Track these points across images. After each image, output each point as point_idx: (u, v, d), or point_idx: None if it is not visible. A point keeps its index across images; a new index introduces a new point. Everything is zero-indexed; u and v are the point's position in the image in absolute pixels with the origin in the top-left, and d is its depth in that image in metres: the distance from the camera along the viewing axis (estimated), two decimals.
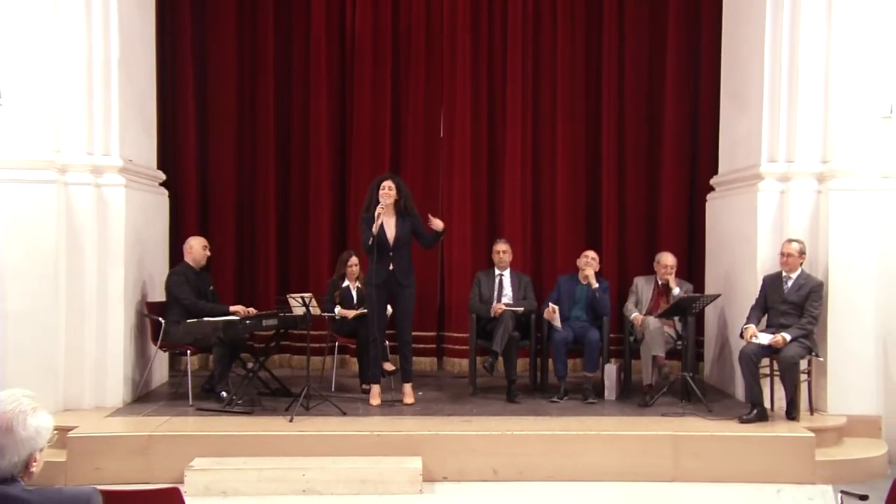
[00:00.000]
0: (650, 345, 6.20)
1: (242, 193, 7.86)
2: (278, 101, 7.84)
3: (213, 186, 7.81)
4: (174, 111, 7.67)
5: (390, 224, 5.96)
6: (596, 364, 6.42)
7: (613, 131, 7.78)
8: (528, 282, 6.81)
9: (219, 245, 7.49)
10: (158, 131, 7.11)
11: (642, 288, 6.71)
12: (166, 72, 7.52)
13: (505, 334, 6.21)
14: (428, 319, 7.74)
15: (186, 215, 7.66)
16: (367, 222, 5.90)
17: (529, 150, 7.78)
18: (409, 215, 5.99)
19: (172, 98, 7.64)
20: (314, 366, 6.83)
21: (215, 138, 7.79)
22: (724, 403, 6.28)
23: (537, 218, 7.82)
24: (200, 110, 7.77)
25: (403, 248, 5.99)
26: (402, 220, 5.98)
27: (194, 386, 6.20)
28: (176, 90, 7.66)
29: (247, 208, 7.87)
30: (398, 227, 5.97)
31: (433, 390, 6.74)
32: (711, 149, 7.39)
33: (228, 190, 7.80)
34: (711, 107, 7.42)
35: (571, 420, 5.69)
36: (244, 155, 7.84)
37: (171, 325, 6.18)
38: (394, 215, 5.96)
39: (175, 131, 7.66)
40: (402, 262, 5.98)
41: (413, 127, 7.80)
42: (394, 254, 5.93)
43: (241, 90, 7.83)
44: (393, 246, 5.93)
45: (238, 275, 7.84)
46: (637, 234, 7.78)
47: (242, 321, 5.96)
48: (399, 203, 5.95)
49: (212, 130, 7.79)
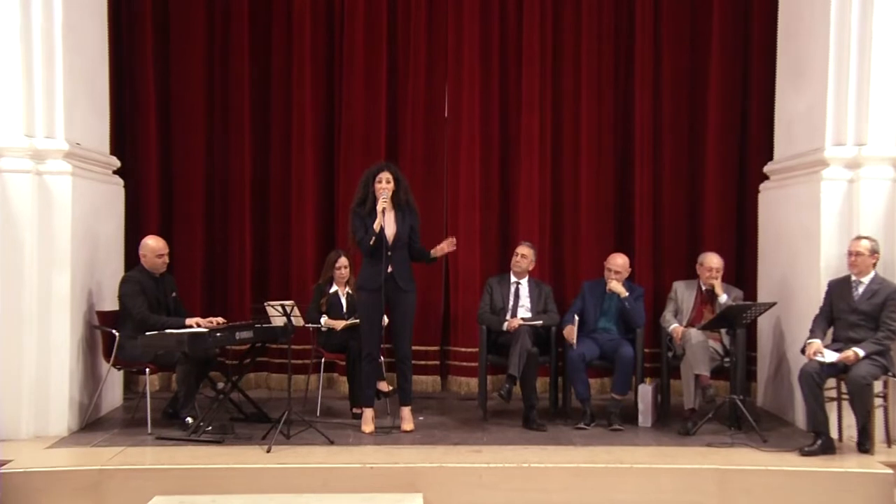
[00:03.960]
0: (692, 362, 6.17)
1: (213, 184, 7.83)
2: (255, 77, 7.82)
3: (178, 175, 7.79)
4: (132, 87, 7.65)
5: (389, 219, 6.02)
6: (628, 384, 6.45)
7: (648, 111, 7.75)
8: (548, 292, 6.87)
9: (185, 244, 7.57)
10: (112, 110, 7.08)
11: (683, 295, 6.70)
12: (122, 41, 7.52)
13: (522, 354, 6.22)
14: (431, 331, 7.75)
15: (146, 209, 7.62)
16: (361, 218, 5.94)
17: (549, 135, 7.76)
18: (409, 210, 6.03)
19: (130, 72, 7.62)
20: (297, 386, 6.94)
21: (180, 120, 7.76)
22: (781, 432, 6.26)
23: (557, 214, 7.82)
24: (163, 86, 7.74)
25: (404, 247, 6.05)
26: (402, 215, 6.04)
27: (154, 410, 6.21)
28: (134, 63, 7.64)
29: (218, 201, 7.84)
30: (398, 223, 6.03)
31: (436, 414, 6.78)
32: (764, 130, 7.39)
33: (196, 179, 7.77)
34: (764, 80, 7.41)
35: (599, 451, 5.69)
36: (215, 139, 7.82)
37: (126, 339, 6.15)
38: (392, 209, 6.02)
39: (133, 111, 7.66)
40: (402, 263, 6.03)
41: (413, 106, 7.78)
42: (393, 254, 5.97)
43: (210, 63, 7.79)
44: (392, 245, 5.97)
45: (207, 279, 7.82)
46: (676, 232, 7.76)
47: (212, 333, 5.93)
48: (398, 196, 5.99)
49: (176, 111, 7.77)
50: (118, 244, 7.04)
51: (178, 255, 6.76)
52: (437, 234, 7.49)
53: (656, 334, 7.03)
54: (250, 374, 7.49)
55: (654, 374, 7.17)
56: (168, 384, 7.43)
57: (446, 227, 7.64)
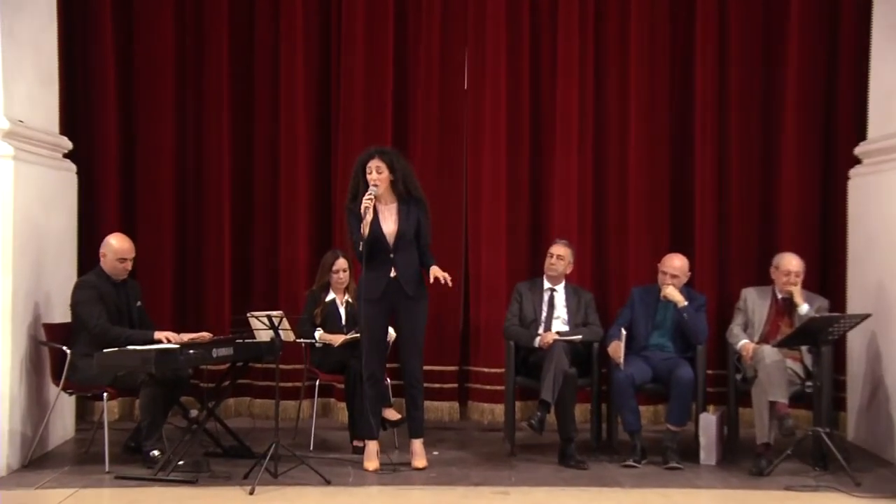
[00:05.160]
0: (766, 386, 6.13)
1: (185, 171, 7.87)
2: (236, 45, 7.83)
3: (144, 161, 7.81)
4: (85, 56, 7.64)
5: (389, 214, 6.04)
6: (687, 413, 6.47)
7: (711, 84, 7.70)
8: (589, 300, 6.91)
9: (152, 243, 7.54)
10: (62, 82, 7.08)
11: (754, 304, 6.70)
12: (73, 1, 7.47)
13: (558, 376, 6.20)
14: (446, 348, 7.74)
15: (104, 200, 7.63)
16: (356, 216, 5.97)
17: (590, 110, 7.75)
18: (414, 202, 6.06)
19: (83, 38, 7.62)
20: (285, 414, 6.99)
21: (146, 93, 7.79)
22: (877, 473, 6.21)
23: (600, 206, 7.81)
24: (124, 53, 7.76)
25: (409, 246, 6.05)
26: (406, 207, 6.06)
27: (113, 443, 6.17)
28: (88, 27, 7.63)
29: (191, 191, 7.87)
30: (400, 217, 6.05)
31: (454, 448, 6.79)
32: (856, 105, 7.37)
33: (165, 166, 7.79)
34: (856, 45, 7.40)
35: (652, 494, 5.69)
36: (187, 119, 7.86)
37: (79, 357, 6.12)
38: (394, 200, 6.05)
39: (87, 83, 7.65)
40: (408, 265, 6.03)
41: (426, 76, 7.77)
42: (396, 255, 5.99)
43: (182, 25, 7.81)
44: (394, 245, 5.99)
45: (178, 285, 7.85)
46: (746, 230, 7.72)
47: (184, 350, 5.91)
48: (396, 186, 6.01)
49: (141, 82, 7.80)
50: (70, 243, 7.02)
51: (141, 256, 6.75)
52: (456, 231, 7.64)
53: (721, 352, 7.02)
54: (229, 400, 7.51)
55: (718, 400, 7.16)
56: (130, 412, 7.43)
57: (466, 223, 7.68)
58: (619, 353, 6.36)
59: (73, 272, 6.90)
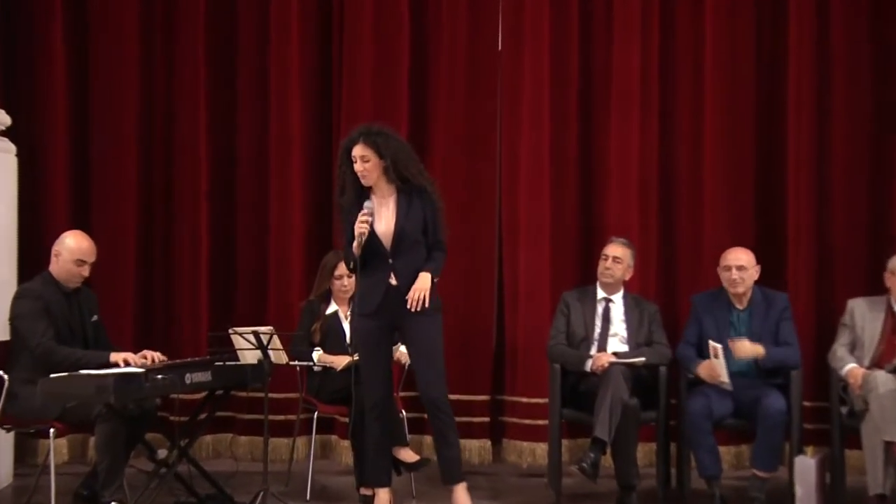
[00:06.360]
0: (880, 422, 6.07)
1: (152, 154, 7.97)
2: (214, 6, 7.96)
3: (99, 140, 7.90)
4: (29, 10, 7.77)
5: (385, 209, 6.04)
6: (778, 455, 6.49)
7: (808, 44, 7.62)
8: (654, 313, 6.95)
9: (110, 242, 7.54)
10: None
11: (863, 319, 6.65)
12: None
13: (615, 408, 6.21)
14: (476, 374, 7.77)
15: (51, 188, 7.75)
16: (347, 211, 6.06)
17: (654, 78, 7.73)
18: (418, 193, 6.03)
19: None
20: (276, 454, 7.17)
21: (103, 63, 7.90)
22: None
23: (667, 199, 7.81)
24: (75, 14, 7.85)
25: (414, 248, 6.02)
26: (407, 200, 6.03)
27: (62, 492, 6.17)
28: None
29: (159, 180, 7.97)
30: (399, 213, 6.02)
31: (485, 498, 6.77)
32: None
33: (126, 148, 7.87)
34: None
35: None
36: (155, 92, 7.98)
37: (20, 384, 6.10)
38: (391, 192, 6.03)
39: (29, 44, 7.80)
40: (412, 271, 5.98)
41: (450, 35, 7.82)
42: (396, 260, 5.97)
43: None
44: (393, 247, 5.98)
45: (143, 295, 7.96)
46: (851, 226, 7.66)
47: (150, 375, 5.77)
48: (389, 175, 5.99)
49: (97, 49, 7.91)
50: (8, 239, 7.13)
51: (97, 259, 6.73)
52: (487, 227, 7.65)
53: (822, 379, 6.95)
54: (206, 437, 7.59)
55: (818, 440, 7.16)
56: (83, 452, 7.53)
57: (500, 216, 7.69)
58: (718, 372, 6.35)
59: (11, 276, 6.99)
